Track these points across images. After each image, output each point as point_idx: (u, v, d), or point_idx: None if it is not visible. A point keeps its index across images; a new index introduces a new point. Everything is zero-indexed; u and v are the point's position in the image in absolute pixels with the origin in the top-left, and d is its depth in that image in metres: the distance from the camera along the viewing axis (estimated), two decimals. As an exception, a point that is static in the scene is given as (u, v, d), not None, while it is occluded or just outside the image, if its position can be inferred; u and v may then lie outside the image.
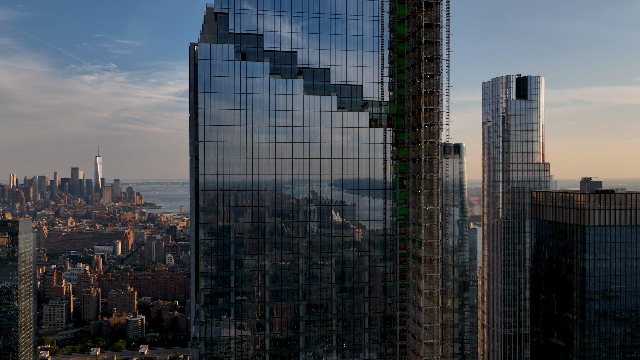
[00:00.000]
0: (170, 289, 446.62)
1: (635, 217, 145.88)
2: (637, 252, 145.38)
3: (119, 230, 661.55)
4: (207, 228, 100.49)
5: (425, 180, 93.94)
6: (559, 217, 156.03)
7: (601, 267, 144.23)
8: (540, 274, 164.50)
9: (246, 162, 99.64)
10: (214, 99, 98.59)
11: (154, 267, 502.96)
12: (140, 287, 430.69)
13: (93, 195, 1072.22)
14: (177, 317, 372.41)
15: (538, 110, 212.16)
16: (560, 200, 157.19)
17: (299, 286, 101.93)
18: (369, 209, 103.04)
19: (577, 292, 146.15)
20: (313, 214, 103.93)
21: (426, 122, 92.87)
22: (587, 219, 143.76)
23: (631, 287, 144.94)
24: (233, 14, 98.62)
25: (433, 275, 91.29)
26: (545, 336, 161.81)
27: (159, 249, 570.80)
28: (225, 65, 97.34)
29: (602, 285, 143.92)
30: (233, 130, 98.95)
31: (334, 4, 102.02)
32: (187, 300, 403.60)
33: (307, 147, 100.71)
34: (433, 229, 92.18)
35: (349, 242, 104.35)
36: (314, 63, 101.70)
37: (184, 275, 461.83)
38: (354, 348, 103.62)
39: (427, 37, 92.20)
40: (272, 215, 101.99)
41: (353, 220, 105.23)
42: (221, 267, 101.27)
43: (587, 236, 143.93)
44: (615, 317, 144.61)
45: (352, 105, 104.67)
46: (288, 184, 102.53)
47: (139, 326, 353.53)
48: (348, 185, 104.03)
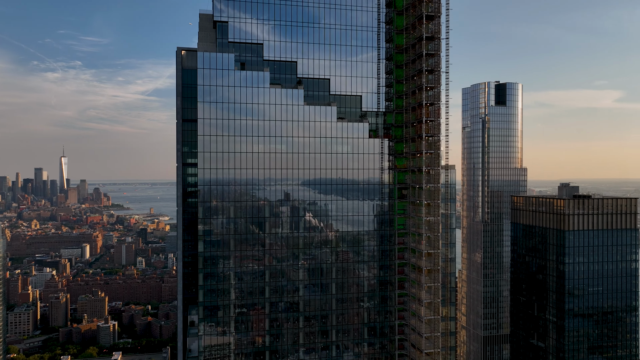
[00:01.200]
0: (143, 293, 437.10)
1: (611, 221, 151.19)
2: (613, 256, 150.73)
3: (86, 233, 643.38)
4: (206, 240, 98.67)
5: (426, 191, 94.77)
6: (539, 222, 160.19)
7: (579, 270, 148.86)
8: (520, 277, 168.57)
9: (246, 173, 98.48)
10: (213, 108, 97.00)
11: (125, 271, 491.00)
12: (111, 292, 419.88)
13: (58, 197, 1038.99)
14: (151, 323, 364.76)
15: (516, 117, 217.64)
16: (540, 205, 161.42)
17: (299, 297, 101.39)
18: (368, 219, 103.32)
19: (557, 295, 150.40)
20: (313, 225, 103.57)
21: (427, 133, 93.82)
22: (566, 223, 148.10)
23: (608, 289, 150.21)
24: (233, 22, 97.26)
25: (433, 285, 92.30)
26: (525, 338, 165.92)
27: (130, 252, 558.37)
28: (225, 75, 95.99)
29: (580, 288, 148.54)
30: (233, 141, 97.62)
31: (333, 15, 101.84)
32: (160, 305, 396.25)
33: (308, 158, 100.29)
34: (433, 240, 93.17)
35: (348, 252, 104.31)
36: (314, 73, 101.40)
37: (156, 279, 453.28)
38: (353, 358, 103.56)
39: (428, 50, 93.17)
40: (273, 227, 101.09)
41: (352, 231, 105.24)
42: (221, 280, 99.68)
43: (567, 240, 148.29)
44: (592, 319, 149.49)
45: (352, 115, 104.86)
46: (288, 194, 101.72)
47: (111, 332, 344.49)
48: (348, 195, 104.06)
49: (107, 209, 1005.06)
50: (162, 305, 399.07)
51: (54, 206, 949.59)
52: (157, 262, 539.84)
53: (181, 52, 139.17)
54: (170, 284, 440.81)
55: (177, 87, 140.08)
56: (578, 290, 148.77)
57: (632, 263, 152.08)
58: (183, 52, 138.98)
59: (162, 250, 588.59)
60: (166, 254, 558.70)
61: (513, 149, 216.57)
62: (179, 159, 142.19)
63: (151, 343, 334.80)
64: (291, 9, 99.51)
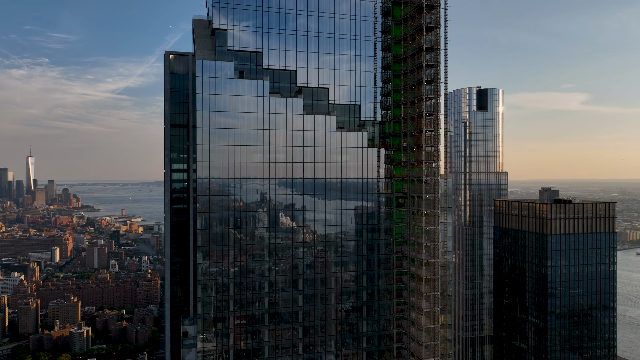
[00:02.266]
0: (117, 298, 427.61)
1: (590, 225, 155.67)
2: (592, 258, 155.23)
3: (56, 236, 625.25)
4: (205, 250, 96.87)
5: (425, 200, 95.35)
6: (521, 225, 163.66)
7: (561, 273, 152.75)
8: (503, 280, 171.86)
9: (245, 182, 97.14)
10: (212, 117, 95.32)
11: (97, 275, 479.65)
12: (83, 297, 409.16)
13: (25, 198, 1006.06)
14: (126, 328, 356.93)
15: (497, 122, 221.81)
16: (522, 209, 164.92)
17: (298, 307, 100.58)
18: (366, 228, 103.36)
19: (539, 297, 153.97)
20: (312, 235, 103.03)
21: (427, 143, 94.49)
22: (548, 227, 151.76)
23: (587, 291, 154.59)
24: (232, 30, 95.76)
25: (433, 294, 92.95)
26: (507, 339, 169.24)
27: (102, 255, 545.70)
28: (225, 83, 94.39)
29: (562, 290, 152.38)
30: (232, 150, 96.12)
31: (332, 24, 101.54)
32: (135, 309, 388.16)
33: (307, 167, 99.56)
34: (433, 249, 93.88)
35: (347, 262, 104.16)
36: (313, 82, 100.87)
37: (131, 282, 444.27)
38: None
39: (427, 61, 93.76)
40: (272, 237, 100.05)
41: (351, 240, 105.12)
42: (220, 291, 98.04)
43: (549, 244, 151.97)
44: (573, 320, 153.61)
45: (350, 124, 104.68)
46: (287, 204, 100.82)
47: (85, 338, 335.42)
48: (346, 205, 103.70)
49: (76, 210, 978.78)
50: (137, 310, 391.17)
51: (21, 208, 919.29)
52: (130, 265, 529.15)
53: (169, 56, 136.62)
54: (146, 288, 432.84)
55: (165, 92, 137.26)
56: (559, 293, 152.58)
57: (610, 265, 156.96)
58: (171, 56, 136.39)
59: (136, 252, 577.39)
60: (140, 257, 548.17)
61: (494, 153, 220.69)
62: (167, 165, 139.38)
63: (127, 349, 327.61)
64: (290, 17, 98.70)
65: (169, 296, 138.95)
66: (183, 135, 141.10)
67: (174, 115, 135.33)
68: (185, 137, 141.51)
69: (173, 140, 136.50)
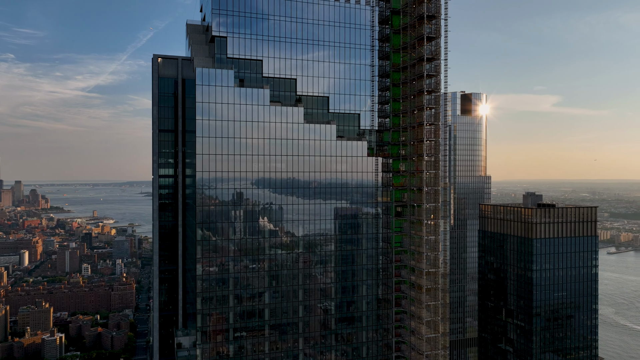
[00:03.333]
0: (90, 303, 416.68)
1: (573, 229, 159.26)
2: (575, 262, 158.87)
3: (24, 239, 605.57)
4: (205, 262, 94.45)
5: (426, 209, 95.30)
6: (506, 229, 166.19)
7: (546, 277, 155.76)
8: (488, 283, 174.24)
9: (246, 193, 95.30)
10: (212, 126, 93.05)
11: (70, 279, 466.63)
12: (55, 302, 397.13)
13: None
14: (101, 334, 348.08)
15: (481, 126, 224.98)
16: (507, 214, 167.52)
17: (299, 319, 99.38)
18: (366, 237, 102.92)
19: (525, 301, 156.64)
20: (311, 245, 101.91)
21: (428, 153, 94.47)
22: (533, 232, 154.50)
23: (571, 294, 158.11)
24: (232, 37, 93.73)
25: (434, 303, 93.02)
26: (493, 342, 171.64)
27: (74, 258, 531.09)
28: (225, 92, 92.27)
29: (546, 293, 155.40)
30: (232, 159, 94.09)
31: (332, 32, 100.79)
32: (110, 314, 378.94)
33: (307, 176, 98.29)
34: (434, 258, 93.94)
35: (347, 271, 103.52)
36: (313, 91, 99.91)
37: (105, 287, 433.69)
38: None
39: (428, 71, 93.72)
40: (272, 247, 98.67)
41: (351, 250, 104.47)
42: (220, 303, 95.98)
43: (534, 248, 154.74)
44: (557, 322, 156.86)
45: (350, 133, 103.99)
46: (286, 214, 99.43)
47: (58, 345, 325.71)
48: (346, 214, 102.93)
49: (45, 212, 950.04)
50: (112, 315, 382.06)
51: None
52: (104, 268, 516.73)
53: (157, 60, 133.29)
54: (121, 292, 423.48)
55: (154, 96, 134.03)
56: (544, 296, 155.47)
57: (592, 268, 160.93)
58: (160, 59, 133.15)
59: (109, 255, 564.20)
60: (114, 260, 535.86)
61: (477, 156, 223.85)
62: (155, 171, 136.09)
63: (102, 355, 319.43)
64: (290, 25, 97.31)
65: (157, 305, 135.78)
66: (170, 140, 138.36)
67: (162, 120, 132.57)
68: (172, 142, 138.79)
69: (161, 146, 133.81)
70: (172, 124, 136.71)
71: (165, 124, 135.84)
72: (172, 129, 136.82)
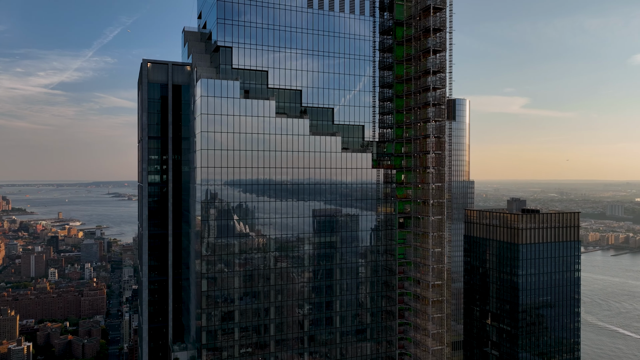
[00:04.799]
0: (59, 309, 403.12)
1: (557, 234, 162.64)
2: (559, 266, 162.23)
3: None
4: (210, 277, 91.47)
5: (432, 222, 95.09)
6: (492, 235, 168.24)
7: (531, 282, 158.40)
8: (474, 288, 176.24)
9: (250, 206, 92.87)
10: (217, 138, 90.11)
11: (36, 285, 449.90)
12: (21, 309, 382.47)
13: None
14: (71, 342, 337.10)
15: (464, 131, 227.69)
16: (492, 219, 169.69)
17: (304, 333, 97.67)
18: (370, 250, 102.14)
19: (511, 305, 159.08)
20: (316, 258, 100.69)
21: (434, 165, 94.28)
22: (519, 237, 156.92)
23: (555, 298, 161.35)
24: (237, 48, 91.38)
25: (439, 316, 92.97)
26: (479, 346, 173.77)
27: (39, 262, 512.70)
28: (230, 103, 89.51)
29: (532, 297, 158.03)
30: (238, 172, 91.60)
31: (337, 43, 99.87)
32: (80, 321, 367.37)
33: (312, 189, 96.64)
34: (439, 271, 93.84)
35: (351, 284, 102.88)
36: (318, 102, 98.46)
37: (75, 292, 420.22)
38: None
39: (434, 84, 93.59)
40: (278, 261, 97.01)
41: (354, 262, 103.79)
42: (225, 319, 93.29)
43: (520, 253, 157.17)
44: (542, 326, 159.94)
45: (354, 145, 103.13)
46: (291, 227, 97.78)
47: (25, 355, 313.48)
48: (351, 226, 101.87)
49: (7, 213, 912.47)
50: (82, 322, 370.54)
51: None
52: (72, 273, 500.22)
53: (147, 64, 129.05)
54: (91, 298, 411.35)
55: (143, 102, 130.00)
56: (530, 300, 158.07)
57: (575, 273, 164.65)
58: (149, 64, 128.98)
59: (77, 259, 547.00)
60: (82, 264, 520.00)
61: (462, 162, 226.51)
62: (144, 180, 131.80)
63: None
64: (295, 36, 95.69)
65: (146, 317, 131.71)
66: (156, 147, 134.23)
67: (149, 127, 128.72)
68: (158, 149, 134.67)
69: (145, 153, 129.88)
70: (158, 130, 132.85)
71: (152, 131, 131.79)
72: (157, 135, 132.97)
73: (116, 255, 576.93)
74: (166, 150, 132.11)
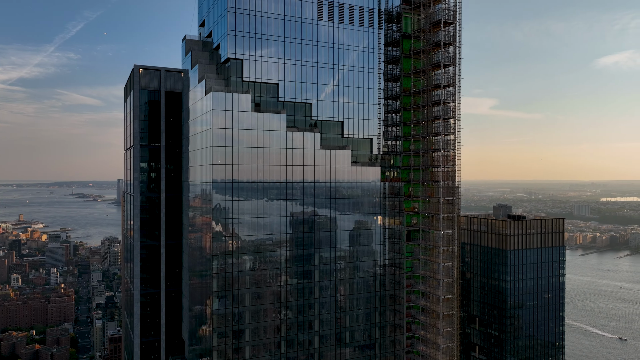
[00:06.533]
0: (24, 317, 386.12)
1: (543, 240, 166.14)
2: (545, 272, 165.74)
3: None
4: (222, 295, 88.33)
5: (443, 236, 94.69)
6: (480, 241, 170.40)
7: (519, 287, 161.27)
8: (462, 294, 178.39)
9: (262, 222, 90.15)
10: (229, 153, 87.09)
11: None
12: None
13: None
14: (39, 351, 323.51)
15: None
16: (480, 224, 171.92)
17: (314, 350, 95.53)
18: (379, 263, 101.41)
19: (499, 311, 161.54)
20: (326, 274, 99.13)
21: (445, 180, 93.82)
22: (507, 243, 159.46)
23: (541, 303, 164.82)
24: (248, 60, 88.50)
25: (449, 330, 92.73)
26: (466, 351, 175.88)
27: (1, 267, 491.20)
28: (242, 117, 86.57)
29: (519, 303, 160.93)
30: (249, 187, 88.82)
31: (343, 55, 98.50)
32: (47, 329, 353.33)
33: (323, 203, 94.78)
34: (448, 285, 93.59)
35: (360, 298, 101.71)
36: (329, 115, 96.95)
37: (41, 299, 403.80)
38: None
39: (444, 98, 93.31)
40: (289, 277, 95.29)
41: (363, 276, 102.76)
42: (236, 338, 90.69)
43: (508, 259, 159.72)
44: (529, 331, 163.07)
45: (363, 158, 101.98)
46: (301, 243, 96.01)
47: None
48: (360, 240, 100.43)
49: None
50: (49, 330, 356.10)
51: None
52: (36, 278, 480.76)
53: (139, 70, 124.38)
54: (59, 305, 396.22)
55: (135, 109, 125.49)
56: (517, 305, 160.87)
57: (560, 277, 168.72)
58: (140, 70, 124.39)
59: (42, 264, 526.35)
60: (47, 269, 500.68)
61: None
62: (136, 189, 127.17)
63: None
64: (305, 48, 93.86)
65: (138, 332, 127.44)
66: (145, 155, 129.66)
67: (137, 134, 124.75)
68: (146, 157, 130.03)
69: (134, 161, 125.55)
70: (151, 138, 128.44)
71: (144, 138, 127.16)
72: (147, 143, 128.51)
73: (83, 259, 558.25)
74: (159, 159, 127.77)
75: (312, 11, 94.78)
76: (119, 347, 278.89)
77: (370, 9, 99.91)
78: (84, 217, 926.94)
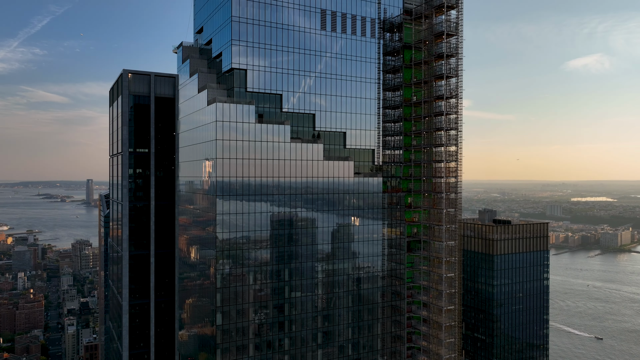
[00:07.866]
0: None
1: (528, 245, 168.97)
2: (530, 275, 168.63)
3: None
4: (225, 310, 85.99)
5: (446, 248, 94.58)
6: (467, 245, 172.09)
7: (505, 292, 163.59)
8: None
9: (267, 234, 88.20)
10: (233, 165, 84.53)
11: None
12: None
13: None
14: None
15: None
16: (466, 229, 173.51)
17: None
18: (380, 275, 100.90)
19: (486, 314, 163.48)
20: (328, 285, 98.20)
21: (447, 191, 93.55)
22: (494, 248, 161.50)
23: (526, 307, 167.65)
24: (252, 70, 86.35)
25: (452, 340, 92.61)
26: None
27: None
28: (245, 128, 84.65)
29: (506, 307, 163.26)
30: (253, 200, 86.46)
31: (345, 66, 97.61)
32: (15, 337, 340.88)
33: (326, 215, 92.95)
34: (450, 296, 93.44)
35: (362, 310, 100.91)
36: (331, 126, 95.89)
37: (8, 305, 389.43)
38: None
39: (447, 110, 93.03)
40: (293, 290, 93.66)
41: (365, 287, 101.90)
42: (239, 353, 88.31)
43: (495, 264, 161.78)
44: (515, 334, 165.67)
45: (365, 168, 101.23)
46: (305, 256, 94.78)
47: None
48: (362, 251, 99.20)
49: None
50: (18, 337, 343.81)
51: None
52: (3, 283, 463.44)
53: (127, 75, 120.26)
54: (28, 311, 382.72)
55: (124, 115, 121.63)
56: (504, 310, 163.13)
57: (544, 281, 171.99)
58: (130, 74, 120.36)
59: (8, 268, 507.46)
60: (14, 273, 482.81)
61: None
62: (124, 197, 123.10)
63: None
64: (309, 59, 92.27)
65: (127, 344, 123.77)
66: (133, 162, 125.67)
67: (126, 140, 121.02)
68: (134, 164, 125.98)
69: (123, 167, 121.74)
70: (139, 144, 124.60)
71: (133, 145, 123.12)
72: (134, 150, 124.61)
73: (52, 262, 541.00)
74: (148, 166, 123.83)
75: (315, 21, 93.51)
76: (95, 355, 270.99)
77: (372, 19, 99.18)
78: (52, 218, 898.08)
